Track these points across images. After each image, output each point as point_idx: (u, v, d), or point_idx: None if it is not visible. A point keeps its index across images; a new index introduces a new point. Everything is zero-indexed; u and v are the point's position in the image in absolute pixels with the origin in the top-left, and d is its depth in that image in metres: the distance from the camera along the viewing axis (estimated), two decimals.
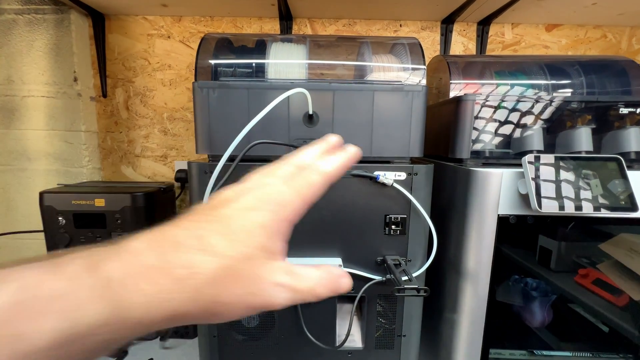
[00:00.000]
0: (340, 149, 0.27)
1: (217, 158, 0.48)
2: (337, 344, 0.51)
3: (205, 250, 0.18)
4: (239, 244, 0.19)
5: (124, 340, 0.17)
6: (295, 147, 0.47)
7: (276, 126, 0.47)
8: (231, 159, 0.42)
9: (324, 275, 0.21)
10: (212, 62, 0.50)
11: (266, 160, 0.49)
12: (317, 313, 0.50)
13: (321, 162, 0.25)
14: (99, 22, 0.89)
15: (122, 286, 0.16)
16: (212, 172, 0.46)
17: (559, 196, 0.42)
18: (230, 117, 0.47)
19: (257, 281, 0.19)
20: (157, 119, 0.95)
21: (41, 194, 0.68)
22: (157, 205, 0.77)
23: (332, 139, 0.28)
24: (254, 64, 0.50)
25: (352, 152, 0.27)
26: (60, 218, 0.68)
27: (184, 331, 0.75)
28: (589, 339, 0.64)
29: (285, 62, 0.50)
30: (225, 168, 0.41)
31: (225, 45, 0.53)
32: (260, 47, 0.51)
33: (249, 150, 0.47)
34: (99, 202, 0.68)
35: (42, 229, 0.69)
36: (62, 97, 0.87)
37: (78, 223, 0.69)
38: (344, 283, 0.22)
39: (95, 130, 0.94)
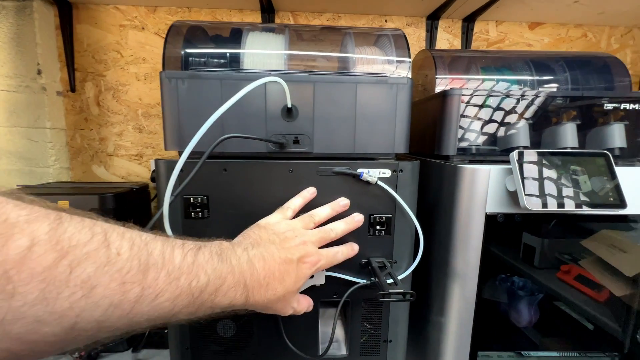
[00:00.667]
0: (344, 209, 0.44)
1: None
2: (320, 352, 0.48)
3: (283, 284, 0.34)
4: (296, 284, 0.35)
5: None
6: (273, 142, 0.44)
7: (252, 121, 0.44)
8: (212, 156, 0.38)
9: (311, 304, 0.42)
10: (182, 51, 0.46)
11: (241, 157, 0.46)
12: (298, 320, 0.47)
13: (337, 226, 0.42)
14: (65, 11, 0.82)
15: (251, 290, 0.31)
16: (182, 170, 0.42)
17: (547, 193, 0.41)
18: (201, 111, 0.43)
19: (288, 303, 0.37)
20: (131, 116, 0.90)
21: None
22: (129, 207, 0.72)
23: (343, 202, 0.44)
24: (228, 54, 0.47)
25: (358, 220, 0.44)
26: None
27: (159, 341, 0.70)
28: (576, 337, 0.64)
29: (262, 53, 0.47)
30: (194, 165, 0.37)
31: (198, 33, 0.49)
32: (235, 36, 0.48)
33: (223, 146, 0.44)
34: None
35: None
36: (24, 91, 0.80)
37: None
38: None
39: (63, 127, 0.88)
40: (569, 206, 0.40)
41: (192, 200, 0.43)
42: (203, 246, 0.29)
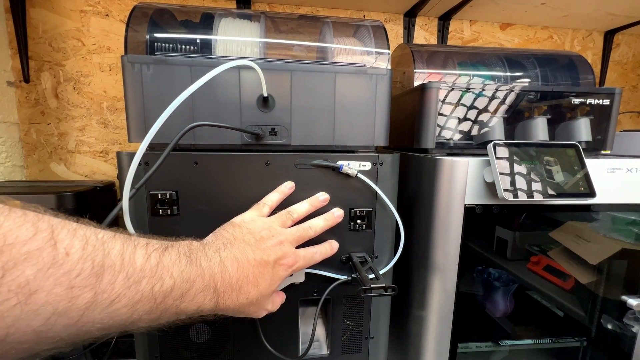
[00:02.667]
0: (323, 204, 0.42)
1: (154, 147, 0.41)
2: (301, 352, 0.46)
3: (256, 287, 0.32)
4: (270, 287, 0.33)
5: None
6: (248, 133, 0.41)
7: (226, 111, 0.41)
8: (182, 148, 0.35)
9: (284, 298, 0.40)
10: (148, 35, 0.42)
11: (214, 149, 0.43)
12: (277, 320, 0.45)
13: (316, 223, 0.40)
14: None
15: (222, 294, 0.29)
16: (147, 164, 0.39)
17: (522, 184, 0.41)
18: (169, 99, 0.39)
19: (262, 306, 0.35)
20: (94, 109, 0.83)
21: None
22: (92, 207, 0.66)
23: (322, 197, 0.42)
24: (198, 40, 0.44)
25: (338, 216, 0.42)
26: None
27: (127, 350, 0.65)
28: (547, 325, 0.66)
29: (236, 40, 0.44)
30: (155, 158, 0.34)
31: (166, 17, 0.46)
32: (206, 22, 0.45)
33: (194, 137, 0.41)
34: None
35: None
36: None
37: None
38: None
39: (16, 121, 0.80)
40: (544, 195, 0.41)
41: (159, 196, 0.39)
42: (170, 246, 0.27)
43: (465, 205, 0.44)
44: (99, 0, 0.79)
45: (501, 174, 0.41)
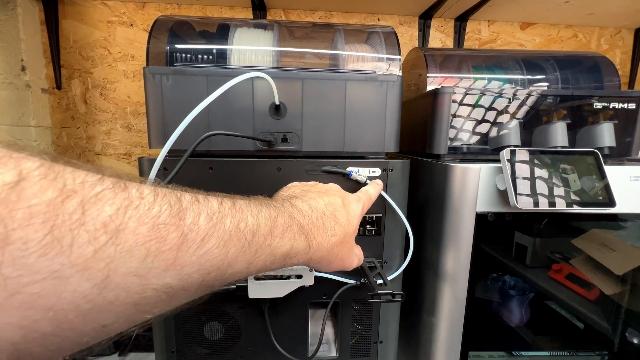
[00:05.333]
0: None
1: (173, 153, 0.43)
2: (310, 353, 0.47)
3: (338, 223, 0.31)
4: (351, 224, 0.32)
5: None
6: (261, 140, 0.43)
7: (239, 118, 0.43)
8: (198, 154, 0.37)
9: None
10: (167, 46, 0.45)
11: (228, 155, 0.45)
12: (287, 321, 0.46)
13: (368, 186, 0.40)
14: (51, 6, 0.80)
15: (309, 233, 0.28)
16: (166, 169, 0.41)
17: (537, 192, 0.40)
18: (187, 107, 0.41)
19: (352, 249, 0.33)
20: (119, 114, 0.88)
21: None
22: None
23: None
24: (214, 50, 0.46)
25: (380, 184, 0.42)
26: None
27: (147, 344, 0.68)
28: (566, 336, 0.64)
29: (250, 49, 0.46)
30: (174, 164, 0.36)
31: (184, 28, 0.48)
32: (223, 32, 0.47)
33: (209, 144, 0.43)
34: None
35: None
36: (7, 88, 0.78)
37: None
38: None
39: (49, 125, 0.85)
40: (559, 205, 0.40)
41: None
42: (238, 197, 0.25)
43: (476, 212, 0.44)
44: (124, 11, 0.83)
45: (514, 181, 0.40)
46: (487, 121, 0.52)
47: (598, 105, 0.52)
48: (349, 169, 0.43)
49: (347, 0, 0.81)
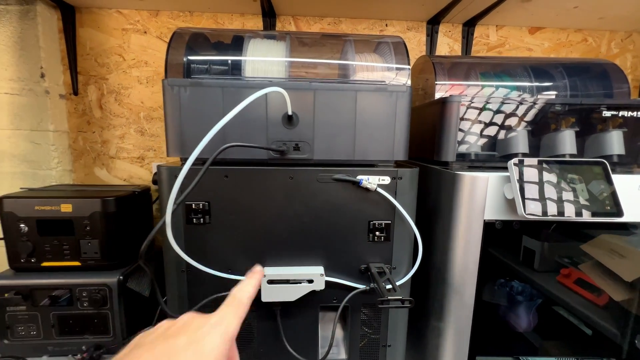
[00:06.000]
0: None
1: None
2: (320, 356, 0.48)
3: None
4: None
5: None
6: (274, 150, 0.44)
7: (253, 127, 0.44)
8: (204, 162, 0.39)
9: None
10: (185, 58, 0.46)
11: (242, 164, 0.47)
12: (298, 325, 0.47)
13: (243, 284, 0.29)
14: (68, 14, 0.83)
15: None
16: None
17: (545, 201, 0.41)
18: (203, 118, 0.43)
19: None
20: (133, 119, 0.90)
21: (0, 199, 0.63)
22: (131, 210, 0.72)
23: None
24: (229, 61, 0.47)
25: (259, 271, 0.32)
26: (22, 225, 0.63)
27: None
28: (573, 342, 0.64)
29: (263, 60, 0.47)
30: (195, 172, 0.38)
31: (200, 40, 0.50)
32: (237, 43, 0.48)
33: (224, 153, 0.44)
34: (66, 208, 0.64)
35: (1, 236, 0.64)
36: (28, 94, 0.81)
37: (42, 230, 0.64)
38: None
39: (66, 129, 0.88)
40: (567, 214, 0.41)
41: (193, 207, 0.43)
42: None
43: (484, 220, 0.45)
44: (138, 18, 0.86)
45: (522, 191, 0.41)
46: (496, 125, 0.53)
47: (607, 113, 0.52)
48: (359, 177, 0.44)
49: (355, 6, 0.82)
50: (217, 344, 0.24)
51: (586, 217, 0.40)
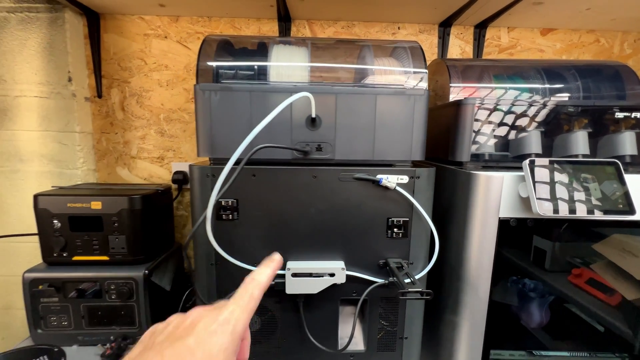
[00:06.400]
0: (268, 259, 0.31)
1: (218, 161, 0.47)
2: (340, 347, 0.51)
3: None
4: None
5: None
6: (299, 150, 0.47)
7: (279, 129, 0.47)
8: (236, 162, 0.42)
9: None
10: (214, 64, 0.49)
11: (268, 163, 0.49)
12: (319, 316, 0.50)
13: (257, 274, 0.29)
14: (94, 21, 0.87)
15: None
16: (214, 176, 0.46)
17: (558, 200, 0.43)
18: (232, 120, 0.46)
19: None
20: (153, 120, 0.94)
21: (35, 197, 0.67)
22: (154, 208, 0.76)
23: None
24: (256, 67, 0.50)
25: (277, 260, 0.31)
26: (55, 221, 0.67)
27: None
28: (586, 338, 0.65)
29: (288, 65, 0.50)
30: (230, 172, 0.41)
31: (226, 47, 0.53)
32: (261, 49, 0.51)
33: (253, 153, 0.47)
34: (96, 205, 0.67)
35: (35, 231, 0.68)
36: (56, 97, 0.85)
37: (74, 226, 0.68)
38: None
39: (90, 131, 0.92)
40: (579, 212, 0.42)
41: (223, 204, 0.46)
42: None
43: (499, 218, 0.46)
44: (159, 24, 0.89)
45: (536, 189, 0.43)
46: (508, 126, 0.54)
47: (619, 114, 0.54)
48: (379, 176, 0.47)
49: (368, 10, 0.84)
50: (226, 344, 0.25)
51: (599, 214, 0.42)
